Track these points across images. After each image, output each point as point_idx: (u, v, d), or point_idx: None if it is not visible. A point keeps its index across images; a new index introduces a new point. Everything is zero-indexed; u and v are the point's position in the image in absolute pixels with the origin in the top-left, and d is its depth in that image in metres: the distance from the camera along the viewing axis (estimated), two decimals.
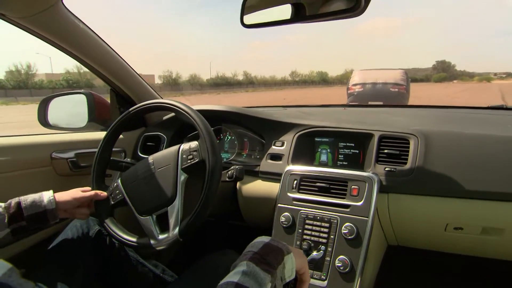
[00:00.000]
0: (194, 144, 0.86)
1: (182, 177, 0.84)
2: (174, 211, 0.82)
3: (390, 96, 9.45)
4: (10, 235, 0.76)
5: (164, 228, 0.84)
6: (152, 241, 0.83)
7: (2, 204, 0.77)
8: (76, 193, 0.86)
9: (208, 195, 0.78)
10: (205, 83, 61.27)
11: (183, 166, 0.84)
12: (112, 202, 0.91)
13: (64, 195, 0.84)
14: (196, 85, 56.40)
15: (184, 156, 0.85)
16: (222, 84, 61.10)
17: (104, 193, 0.90)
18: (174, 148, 0.88)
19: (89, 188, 0.90)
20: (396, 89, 9.72)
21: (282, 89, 49.54)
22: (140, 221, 0.86)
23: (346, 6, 0.74)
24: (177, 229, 0.80)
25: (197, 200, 0.79)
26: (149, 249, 0.84)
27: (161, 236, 0.83)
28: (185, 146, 0.87)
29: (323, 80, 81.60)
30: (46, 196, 0.81)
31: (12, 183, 1.02)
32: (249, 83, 67.48)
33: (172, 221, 0.82)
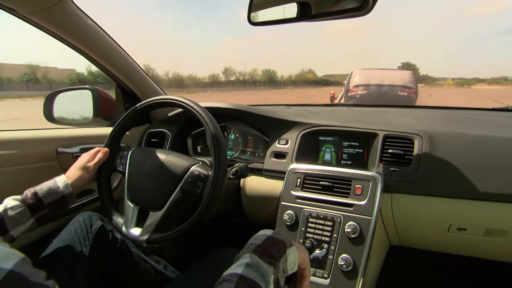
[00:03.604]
0: (204, 173, 0.84)
1: (177, 195, 0.84)
2: (154, 219, 0.84)
3: (398, 101, 8.30)
4: (35, 224, 0.80)
5: (139, 224, 0.87)
6: (123, 228, 0.88)
7: (19, 197, 0.79)
8: (83, 164, 0.91)
9: (187, 229, 0.80)
10: (66, 81, 39.21)
11: (182, 188, 0.84)
12: (118, 167, 0.96)
13: (74, 173, 0.89)
14: (41, 84, 36.00)
15: (190, 179, 0.84)
16: (91, 82, 39.17)
17: (106, 149, 0.95)
18: (186, 164, 0.87)
19: (93, 152, 0.94)
20: (405, 93, 8.53)
21: (195, 93, 37.52)
22: (125, 203, 0.90)
23: (353, 5, 0.74)
24: (147, 236, 0.83)
25: (176, 225, 0.82)
26: (119, 232, 0.90)
27: (132, 230, 0.86)
28: (196, 169, 0.85)
29: (270, 81, 68.35)
30: (60, 181, 0.85)
31: (18, 177, 1.03)
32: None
33: (147, 225, 0.84)
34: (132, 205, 0.89)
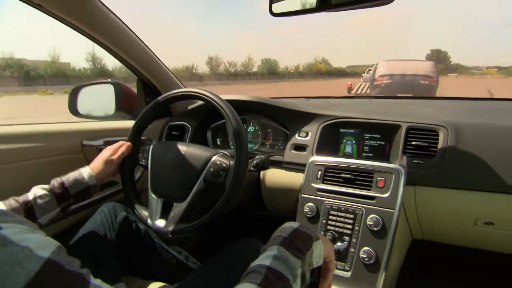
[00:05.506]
0: (226, 163, 0.85)
1: (200, 186, 0.85)
2: (178, 210, 0.85)
3: (421, 89, 8.96)
4: (60, 213, 0.83)
5: (164, 216, 0.88)
6: (149, 221, 0.89)
7: (46, 186, 0.82)
8: (107, 158, 0.93)
9: (210, 218, 0.81)
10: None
11: (205, 178, 0.85)
12: (140, 162, 0.97)
13: (98, 166, 0.91)
14: None
15: (212, 169, 0.85)
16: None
17: (129, 144, 0.97)
18: (207, 154, 0.88)
19: (117, 146, 0.96)
20: (427, 82, 9.16)
21: None
22: (149, 196, 0.91)
23: None
24: (172, 227, 0.84)
25: (200, 215, 0.82)
26: (144, 224, 0.92)
27: (157, 222, 0.88)
28: (217, 159, 0.86)
29: (270, 73, 60.27)
30: (85, 173, 0.88)
31: (45, 168, 1.06)
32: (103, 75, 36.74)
33: (171, 216, 0.85)
34: (156, 198, 0.90)
